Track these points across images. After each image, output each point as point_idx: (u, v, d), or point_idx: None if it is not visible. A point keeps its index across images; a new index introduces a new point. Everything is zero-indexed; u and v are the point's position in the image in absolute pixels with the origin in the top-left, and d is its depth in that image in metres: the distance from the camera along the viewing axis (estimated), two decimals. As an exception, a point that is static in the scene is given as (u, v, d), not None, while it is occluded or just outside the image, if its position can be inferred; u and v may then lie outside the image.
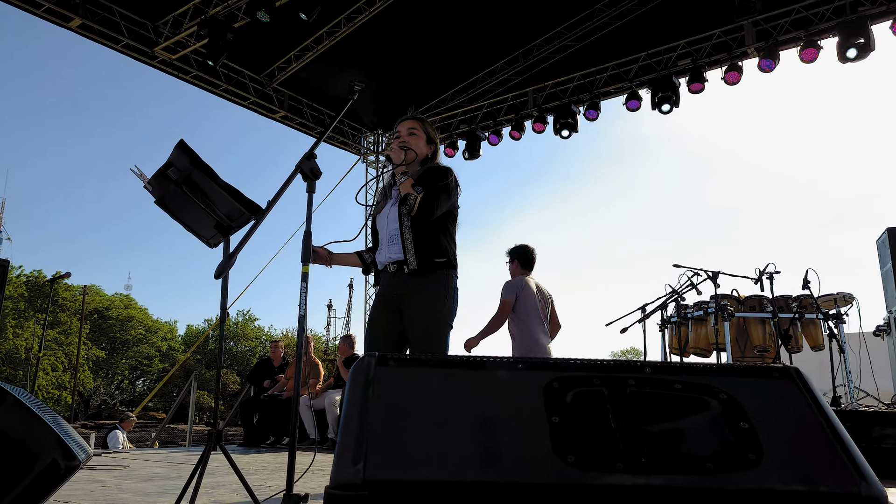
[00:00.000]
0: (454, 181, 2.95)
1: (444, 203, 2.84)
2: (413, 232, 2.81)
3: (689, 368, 1.06)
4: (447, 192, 2.87)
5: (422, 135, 3.05)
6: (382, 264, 2.93)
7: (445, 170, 2.97)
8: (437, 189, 2.81)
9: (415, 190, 2.74)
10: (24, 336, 25.68)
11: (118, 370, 33.81)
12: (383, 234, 2.93)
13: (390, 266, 2.88)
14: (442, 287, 2.85)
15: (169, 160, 2.29)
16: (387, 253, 2.90)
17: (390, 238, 2.88)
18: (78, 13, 7.92)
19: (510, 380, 1.02)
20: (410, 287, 2.82)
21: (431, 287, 2.82)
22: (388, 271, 2.90)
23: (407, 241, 2.80)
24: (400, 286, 2.85)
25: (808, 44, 8.26)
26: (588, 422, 0.98)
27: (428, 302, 2.80)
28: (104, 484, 3.45)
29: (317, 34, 9.41)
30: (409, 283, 2.82)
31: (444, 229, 2.92)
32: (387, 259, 2.89)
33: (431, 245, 2.82)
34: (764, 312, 6.04)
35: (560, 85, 10.14)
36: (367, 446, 0.92)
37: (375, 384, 1.01)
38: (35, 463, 1.80)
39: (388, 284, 2.90)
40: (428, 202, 2.74)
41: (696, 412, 1.01)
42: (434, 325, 2.79)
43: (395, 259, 2.86)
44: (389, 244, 2.89)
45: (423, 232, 2.82)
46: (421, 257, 2.79)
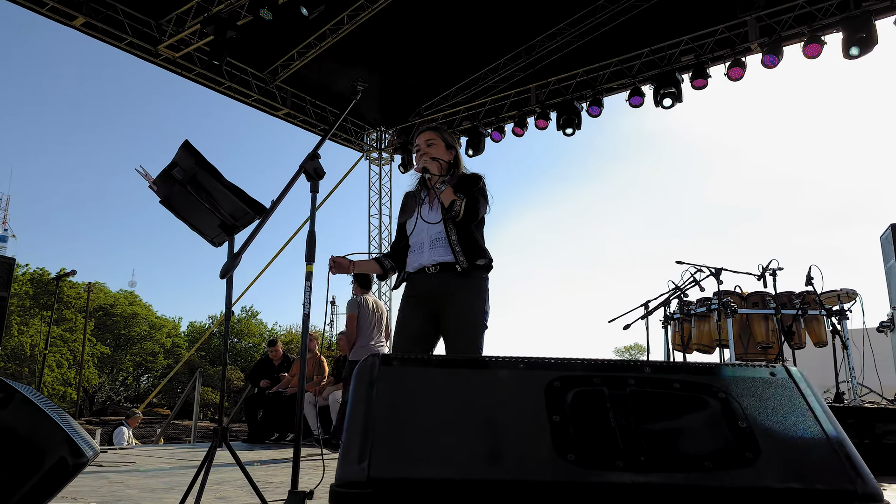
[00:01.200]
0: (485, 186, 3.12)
1: (483, 206, 3.04)
2: (458, 234, 2.96)
3: (688, 368, 1.07)
4: (485, 196, 3.06)
5: (440, 143, 3.16)
6: (421, 265, 3.02)
7: (478, 176, 3.12)
8: (476, 193, 2.99)
9: (458, 196, 2.91)
10: (30, 333, 25.81)
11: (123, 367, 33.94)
12: (423, 238, 3.03)
13: (431, 268, 2.99)
14: (483, 288, 3.01)
15: (174, 160, 2.31)
16: (430, 255, 3.00)
17: (433, 241, 3.00)
18: (82, 11, 7.94)
19: (512, 379, 1.04)
20: (456, 285, 2.94)
21: (475, 287, 2.97)
22: (428, 272, 3.00)
23: (454, 244, 2.94)
24: (444, 284, 2.95)
25: (811, 39, 8.24)
26: (588, 420, 0.99)
27: (472, 301, 2.93)
28: (110, 480, 3.48)
29: (319, 31, 9.42)
30: (454, 282, 2.94)
31: (480, 232, 3.09)
32: (430, 261, 2.99)
33: (475, 247, 2.98)
34: (767, 309, 6.05)
35: (563, 81, 10.12)
36: (371, 445, 0.94)
37: (379, 383, 1.02)
38: (44, 460, 1.83)
39: (425, 284, 3.01)
40: (472, 206, 2.94)
41: (695, 411, 1.02)
42: (474, 324, 2.92)
43: (441, 261, 2.97)
44: (433, 247, 2.99)
45: (467, 235, 2.98)
46: (468, 258, 2.94)
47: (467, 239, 2.97)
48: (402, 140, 11.56)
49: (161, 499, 2.92)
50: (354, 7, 8.93)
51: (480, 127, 10.53)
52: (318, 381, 7.73)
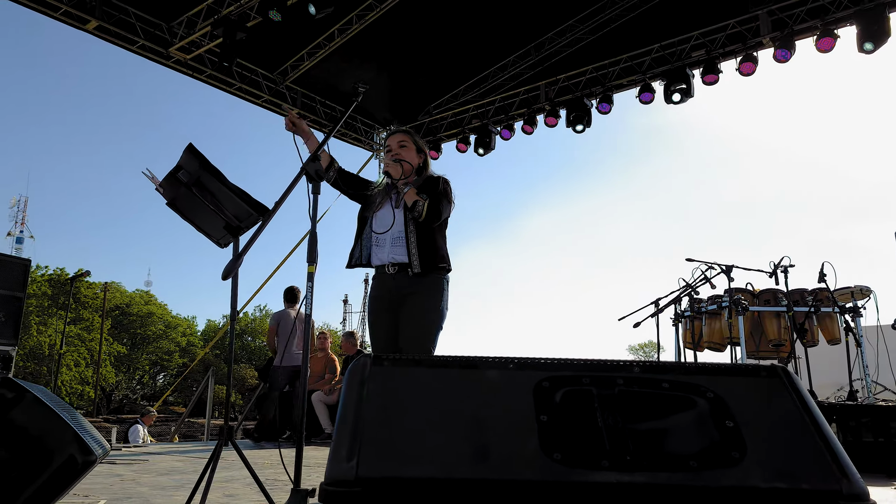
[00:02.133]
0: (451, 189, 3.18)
1: (446, 209, 3.08)
2: (417, 236, 3.00)
3: (677, 367, 1.08)
4: (448, 199, 3.11)
5: (411, 145, 3.23)
6: (382, 262, 3.08)
7: (444, 179, 3.18)
8: (439, 195, 3.04)
9: (420, 197, 2.95)
10: (48, 333, 26.14)
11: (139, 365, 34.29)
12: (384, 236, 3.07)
13: (389, 267, 3.05)
14: (439, 290, 3.05)
15: (179, 163, 2.34)
16: (389, 253, 3.05)
17: (394, 240, 3.05)
18: (94, 15, 8.03)
19: (501, 379, 1.05)
20: (411, 288, 3.00)
21: (430, 289, 3.02)
22: (387, 272, 3.06)
23: (412, 245, 2.98)
24: (400, 286, 3.02)
25: (824, 33, 8.16)
26: (576, 420, 1.00)
27: (426, 303, 2.99)
28: (122, 478, 3.53)
29: (329, 31, 9.45)
30: (410, 284, 3.00)
31: (442, 234, 3.13)
32: (389, 259, 3.05)
33: (433, 249, 3.03)
34: (779, 306, 6.00)
35: (572, 78, 10.09)
36: (360, 444, 0.96)
37: (370, 383, 1.04)
38: (53, 458, 1.86)
39: (385, 286, 3.08)
40: (434, 208, 2.97)
41: (683, 410, 1.03)
42: (427, 325, 2.97)
43: (399, 261, 3.03)
44: (393, 245, 3.05)
45: (426, 236, 3.02)
46: (424, 260, 2.98)
47: (426, 241, 3.02)
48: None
49: (171, 496, 2.96)
50: (363, 7, 8.96)
51: (490, 125, 10.53)
52: (330, 380, 7.77)
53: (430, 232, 3.03)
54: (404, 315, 3.00)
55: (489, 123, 10.54)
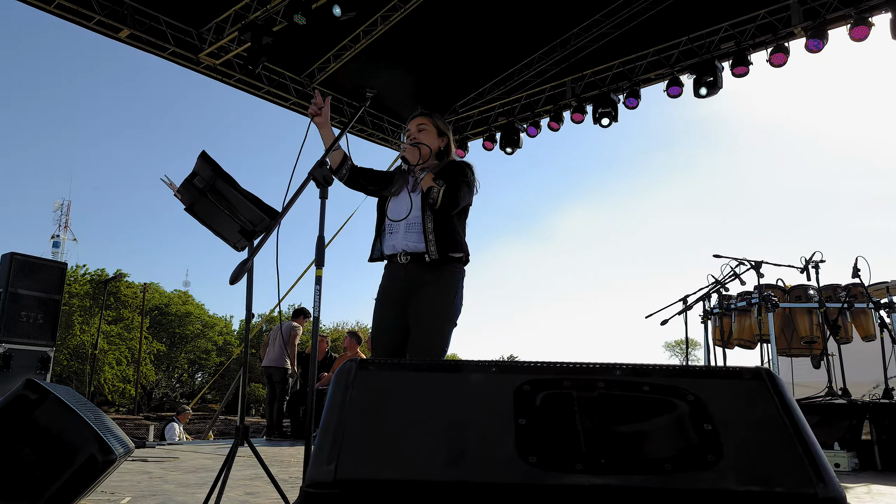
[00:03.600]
0: (473, 176, 2.98)
1: (465, 196, 2.89)
2: (435, 222, 2.83)
3: (660, 370, 1.08)
4: (468, 186, 2.92)
5: (431, 129, 3.07)
6: (394, 250, 2.90)
7: (466, 165, 2.99)
8: (459, 182, 2.86)
9: (436, 183, 2.78)
10: (91, 332, 26.93)
11: (178, 364, 35.08)
12: (399, 223, 2.90)
13: (402, 256, 2.87)
14: (455, 282, 2.87)
15: (194, 170, 2.41)
16: (404, 240, 2.87)
17: (409, 225, 2.87)
18: (126, 24, 8.24)
19: (483, 382, 1.07)
20: (425, 278, 2.83)
21: (446, 281, 2.84)
22: (399, 262, 2.88)
23: (429, 231, 2.81)
24: (413, 276, 2.85)
25: (858, 21, 7.93)
26: (554, 423, 1.01)
27: (440, 295, 2.82)
28: (151, 475, 3.64)
29: (354, 33, 9.54)
30: (424, 274, 2.83)
31: (462, 223, 2.96)
32: (403, 246, 2.87)
33: (451, 238, 2.85)
34: (810, 302, 5.87)
35: (599, 73, 10.00)
36: (340, 447, 0.99)
37: (354, 388, 1.07)
38: (75, 457, 1.94)
39: (396, 277, 2.90)
40: (451, 195, 2.79)
41: (662, 413, 1.03)
42: (440, 318, 2.80)
43: (413, 248, 2.85)
44: (408, 231, 2.87)
45: (444, 223, 2.84)
46: (441, 249, 2.80)
47: (444, 228, 2.83)
48: (439, 138, 11.61)
49: (193, 494, 3.04)
50: (388, 8, 9.02)
51: (516, 122, 10.50)
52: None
53: (449, 219, 2.86)
54: (414, 312, 2.82)
55: (515, 121, 10.52)
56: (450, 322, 2.82)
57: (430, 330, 2.77)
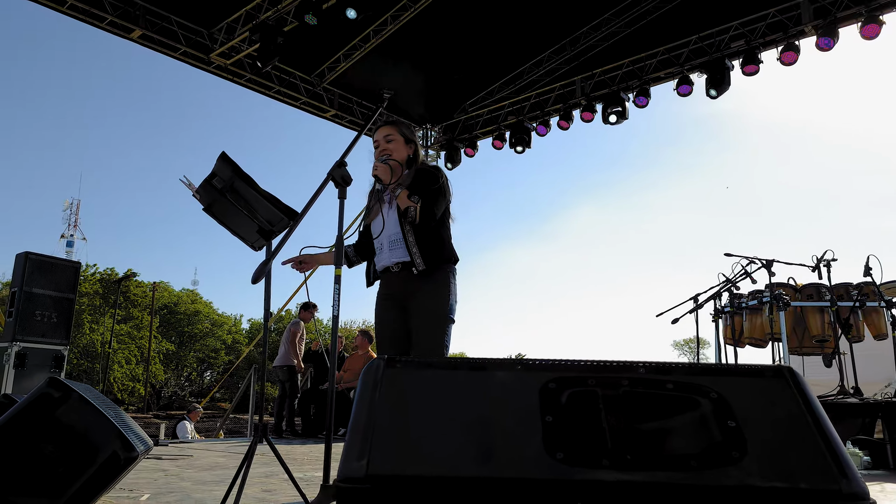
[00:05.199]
0: (445, 180, 3.05)
1: (441, 205, 2.97)
2: (416, 235, 2.91)
3: (682, 368, 1.09)
4: (443, 194, 2.98)
5: (398, 137, 3.12)
6: (384, 266, 3.01)
7: (435, 171, 3.05)
8: (433, 193, 2.92)
9: (412, 200, 2.83)
10: (100, 331, 27.12)
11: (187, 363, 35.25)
12: (383, 239, 3.01)
13: (394, 266, 2.98)
14: (445, 284, 2.96)
15: (213, 171, 2.44)
16: (389, 256, 2.98)
17: (392, 242, 2.97)
18: (139, 24, 8.30)
19: (509, 380, 1.08)
20: (417, 285, 2.93)
21: (436, 284, 2.94)
22: (392, 271, 2.99)
23: (411, 245, 2.90)
24: (406, 284, 2.95)
25: (868, 19, 7.91)
26: (580, 421, 1.03)
27: (433, 299, 2.92)
28: (167, 473, 3.68)
29: (364, 33, 9.57)
30: (415, 281, 2.92)
31: (443, 226, 3.04)
32: (390, 262, 2.98)
33: (434, 245, 2.94)
34: (822, 301, 5.85)
35: (608, 72, 9.99)
36: (371, 443, 1.01)
37: (382, 385, 1.09)
38: (98, 454, 1.97)
39: (392, 283, 3.01)
40: (428, 209, 2.87)
41: (686, 411, 1.04)
42: (437, 321, 2.89)
43: (401, 260, 2.95)
44: (392, 248, 2.97)
45: (425, 233, 2.92)
46: (427, 258, 2.89)
47: (426, 239, 2.92)
48: (448, 137, 11.64)
49: (211, 491, 3.08)
50: (398, 7, 9.04)
51: (526, 121, 10.51)
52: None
53: (429, 229, 2.93)
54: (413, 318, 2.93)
55: (525, 120, 10.52)
56: (447, 322, 2.93)
57: (431, 334, 2.88)
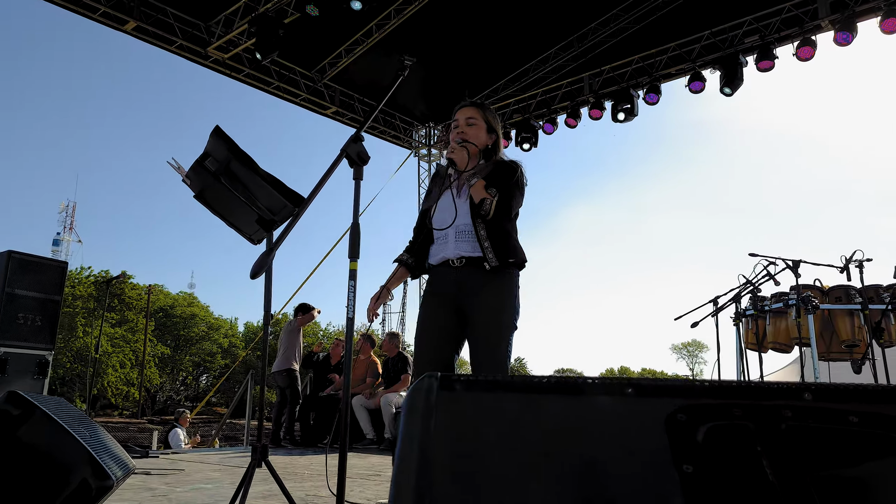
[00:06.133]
0: (524, 177, 2.76)
1: (518, 201, 2.71)
2: (488, 229, 2.61)
3: (864, 393, 0.78)
4: (521, 190, 2.71)
5: (482, 123, 2.79)
6: (445, 259, 2.67)
7: (515, 165, 2.74)
8: (511, 187, 2.63)
9: (489, 192, 2.53)
10: (94, 334, 26.67)
11: (182, 366, 34.83)
12: (447, 231, 2.68)
13: (455, 261, 2.65)
14: (514, 286, 2.66)
15: (206, 150, 2.11)
16: (454, 248, 2.65)
17: (459, 233, 2.65)
18: (133, 16, 7.98)
19: (618, 409, 0.76)
20: (482, 285, 2.60)
21: (505, 286, 2.63)
22: (453, 266, 2.65)
23: (483, 239, 2.59)
24: (468, 281, 2.62)
25: (888, 13, 7.62)
26: (734, 471, 0.72)
27: (502, 301, 2.60)
28: (154, 492, 3.34)
29: (366, 27, 9.26)
30: (481, 280, 2.60)
31: (514, 225, 2.75)
32: (455, 254, 2.65)
33: (507, 243, 2.65)
34: (852, 304, 5.54)
35: (618, 69, 9.70)
36: (430, 491, 0.69)
37: (437, 413, 0.77)
38: (65, 483, 1.64)
39: (449, 280, 2.67)
40: (505, 203, 2.59)
41: (883, 457, 0.73)
42: (502, 326, 2.58)
43: (468, 255, 2.63)
44: (458, 239, 2.65)
45: (498, 229, 2.63)
46: (500, 256, 2.60)
47: (498, 234, 2.62)
48: (451, 136, 11.34)
49: (204, 515, 2.75)
50: (401, 1, 8.74)
51: (532, 119, 10.20)
52: (371, 384, 7.56)
53: (502, 225, 2.64)
54: (474, 318, 2.60)
55: (531, 118, 10.22)
56: (512, 330, 2.62)
57: (494, 337, 2.56)
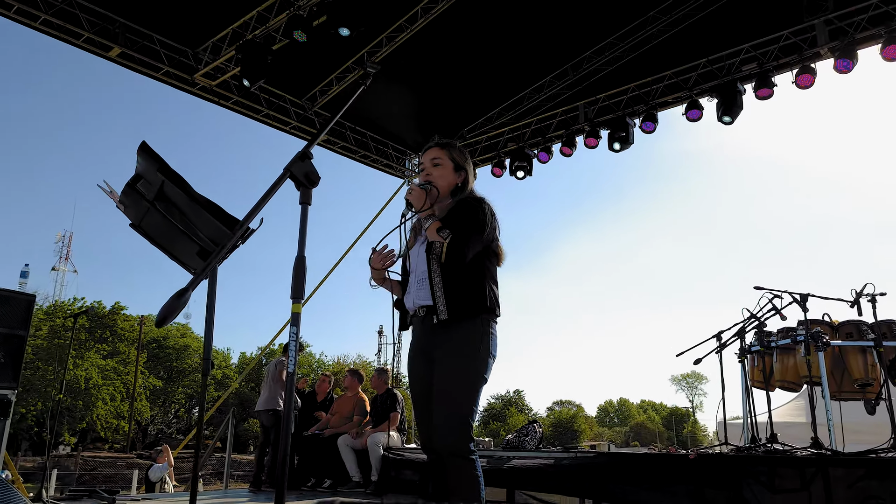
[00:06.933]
0: (489, 214, 2.56)
1: (475, 243, 2.49)
2: (443, 276, 2.45)
3: None
4: (479, 230, 2.50)
5: (447, 163, 2.67)
6: (412, 309, 2.59)
7: (477, 203, 2.58)
8: (468, 228, 2.46)
9: (440, 235, 2.39)
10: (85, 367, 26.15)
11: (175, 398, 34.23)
12: (413, 276, 2.60)
13: (419, 311, 2.55)
14: (475, 337, 2.46)
15: (136, 171, 1.84)
16: (415, 297, 2.56)
17: (419, 281, 2.54)
18: (118, 42, 7.82)
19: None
20: (440, 338, 2.47)
21: (462, 339, 2.44)
22: (418, 316, 2.57)
23: (436, 287, 2.45)
24: (430, 335, 2.51)
25: (889, 41, 7.48)
26: None
27: (457, 356, 2.43)
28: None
29: (358, 55, 9.13)
30: (438, 333, 2.47)
31: (481, 269, 2.53)
32: (414, 304, 2.56)
33: (464, 290, 2.47)
34: (864, 340, 5.25)
35: (613, 97, 9.55)
36: None
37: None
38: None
39: (416, 332, 2.61)
40: (457, 246, 2.40)
41: None
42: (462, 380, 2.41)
43: (424, 304, 2.52)
44: (418, 287, 2.54)
45: (456, 275, 2.46)
46: (452, 305, 2.43)
47: (455, 280, 2.45)
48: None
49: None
50: (393, 28, 8.61)
51: (527, 148, 10.01)
52: (358, 422, 7.20)
53: (463, 268, 2.47)
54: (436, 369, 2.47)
55: (525, 146, 10.03)
56: (474, 380, 2.43)
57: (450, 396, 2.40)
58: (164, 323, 1.35)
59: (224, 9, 7.89)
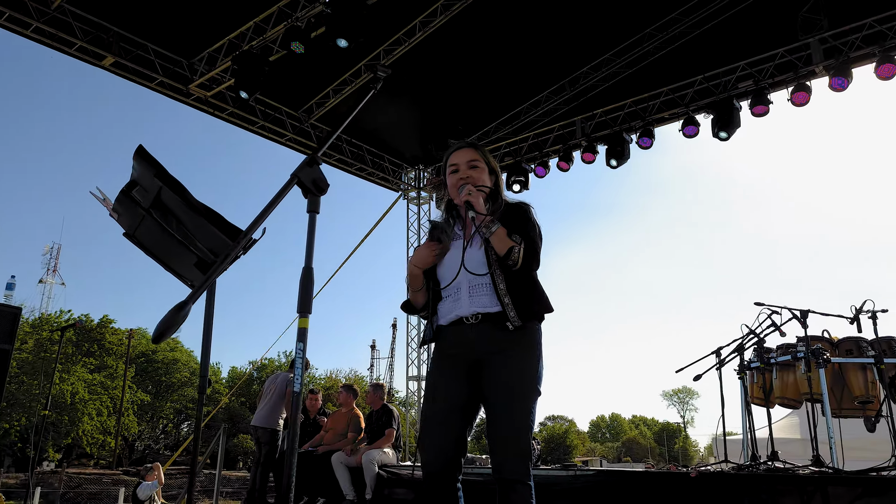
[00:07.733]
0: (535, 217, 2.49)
1: (540, 246, 2.42)
2: (508, 282, 2.31)
3: None
4: (540, 234, 2.45)
5: (483, 166, 2.57)
6: (459, 317, 2.37)
7: (525, 206, 2.50)
8: (533, 234, 2.38)
9: (513, 240, 2.27)
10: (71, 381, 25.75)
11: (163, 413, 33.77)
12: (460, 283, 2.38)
13: (471, 318, 2.34)
14: (538, 345, 2.35)
15: (132, 178, 1.76)
16: (468, 305, 2.34)
17: (473, 287, 2.35)
18: (111, 51, 7.75)
19: None
20: (503, 343, 2.29)
21: (528, 344, 2.31)
22: (467, 323, 2.35)
23: (502, 294, 2.29)
24: (489, 342, 2.31)
25: (884, 59, 7.54)
26: None
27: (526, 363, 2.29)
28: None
29: (355, 67, 9.11)
30: (502, 339, 2.29)
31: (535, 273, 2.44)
32: (469, 311, 2.34)
33: (530, 294, 2.36)
34: (864, 357, 5.20)
35: (610, 113, 9.56)
36: None
37: None
38: None
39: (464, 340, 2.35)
40: (532, 251, 2.32)
41: None
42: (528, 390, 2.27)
43: (485, 311, 2.33)
44: (472, 294, 2.35)
45: (519, 280, 2.33)
46: (521, 310, 2.29)
47: (522, 285, 2.32)
48: (442, 178, 11.09)
49: None
50: (391, 41, 8.59)
51: (523, 162, 9.99)
52: (353, 439, 7.06)
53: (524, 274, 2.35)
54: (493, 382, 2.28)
55: (522, 161, 10.01)
56: (537, 393, 2.30)
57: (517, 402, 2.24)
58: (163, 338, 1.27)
59: (220, 19, 7.84)
